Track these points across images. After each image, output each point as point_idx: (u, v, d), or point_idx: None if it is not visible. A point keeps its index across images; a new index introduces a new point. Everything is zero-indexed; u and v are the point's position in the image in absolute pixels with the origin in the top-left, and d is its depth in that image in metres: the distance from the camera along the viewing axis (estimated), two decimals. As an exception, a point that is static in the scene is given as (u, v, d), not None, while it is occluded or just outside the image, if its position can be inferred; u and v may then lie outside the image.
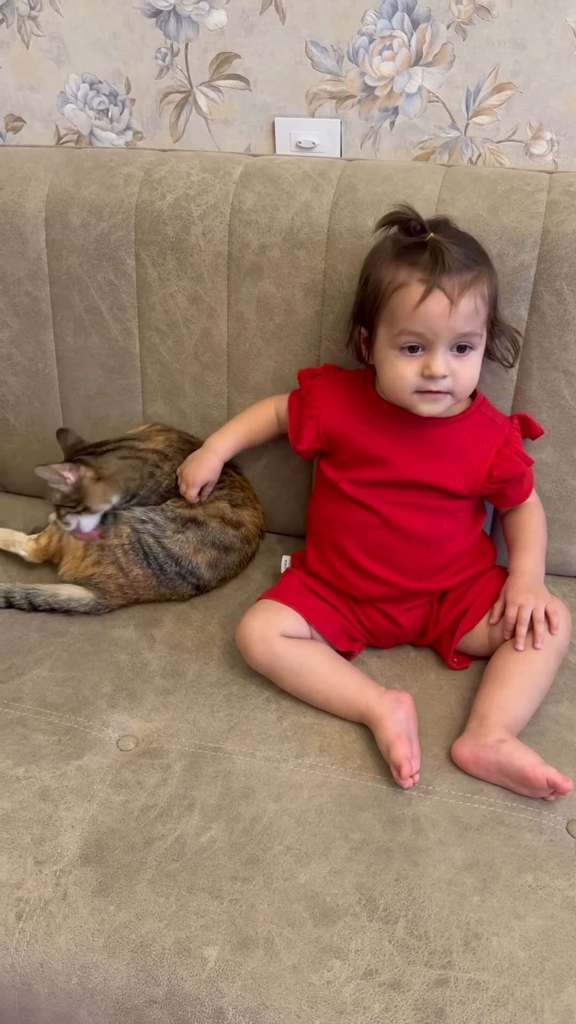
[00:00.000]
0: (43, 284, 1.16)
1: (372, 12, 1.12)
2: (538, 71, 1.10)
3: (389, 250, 0.92)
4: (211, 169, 1.09)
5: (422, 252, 0.88)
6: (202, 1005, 0.72)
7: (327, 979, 0.72)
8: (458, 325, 0.88)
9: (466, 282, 0.87)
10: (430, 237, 0.88)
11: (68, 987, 0.74)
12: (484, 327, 0.92)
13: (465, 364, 0.91)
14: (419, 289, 0.87)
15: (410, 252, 0.89)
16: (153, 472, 1.10)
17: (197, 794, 0.86)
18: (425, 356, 0.91)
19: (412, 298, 0.88)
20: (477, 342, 0.92)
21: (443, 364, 0.90)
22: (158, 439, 1.14)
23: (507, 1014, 0.69)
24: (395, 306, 0.90)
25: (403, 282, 0.89)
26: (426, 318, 0.88)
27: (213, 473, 1.10)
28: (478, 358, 0.93)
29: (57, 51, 1.26)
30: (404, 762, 0.85)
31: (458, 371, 0.91)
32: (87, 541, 1.08)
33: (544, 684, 0.95)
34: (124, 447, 1.11)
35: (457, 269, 0.87)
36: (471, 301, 0.88)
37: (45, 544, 1.12)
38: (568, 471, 1.07)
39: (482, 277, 0.90)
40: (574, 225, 0.97)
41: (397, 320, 0.90)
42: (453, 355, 0.91)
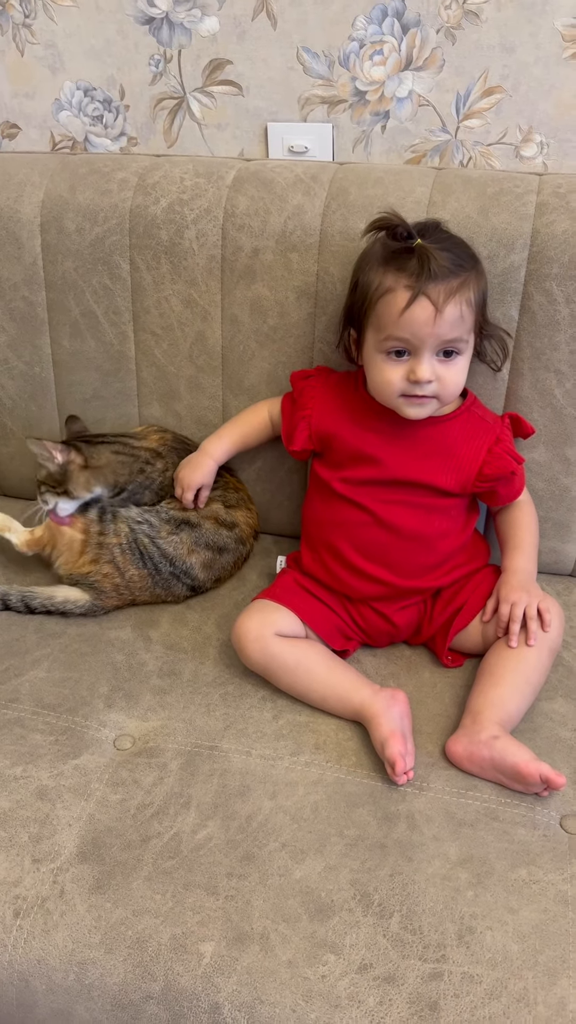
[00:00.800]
0: (39, 289, 1.17)
1: (362, 18, 1.13)
2: (527, 74, 1.12)
3: (378, 254, 0.93)
4: (204, 174, 1.10)
5: (409, 258, 0.89)
6: (198, 1000, 0.72)
7: (322, 973, 0.72)
8: (443, 332, 0.89)
9: (452, 289, 0.88)
10: (417, 243, 0.89)
11: (65, 983, 0.74)
12: (471, 332, 0.93)
13: (451, 369, 0.92)
14: (405, 296, 0.88)
15: (398, 257, 0.90)
16: (143, 468, 1.11)
17: (193, 792, 0.87)
18: (411, 361, 0.92)
19: (398, 304, 0.89)
20: (463, 347, 0.93)
21: (428, 370, 0.91)
22: (153, 438, 1.16)
23: (500, 1007, 0.70)
24: (381, 311, 0.91)
25: (390, 288, 0.90)
26: (411, 325, 0.89)
27: (208, 476, 1.11)
28: (464, 362, 0.94)
29: (52, 58, 1.27)
30: (398, 759, 0.85)
31: (444, 376, 0.92)
32: (59, 526, 1.08)
33: (537, 681, 0.95)
34: (119, 443, 1.12)
35: (443, 276, 0.88)
36: (456, 308, 0.89)
37: (39, 537, 1.12)
38: (560, 470, 1.08)
39: (469, 283, 0.90)
40: (563, 226, 0.98)
41: (383, 325, 0.91)
42: (439, 360, 0.92)
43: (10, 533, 1.14)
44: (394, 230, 0.90)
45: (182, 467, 1.12)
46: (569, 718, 0.95)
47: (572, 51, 1.09)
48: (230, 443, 1.12)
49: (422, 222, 0.94)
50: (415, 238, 0.89)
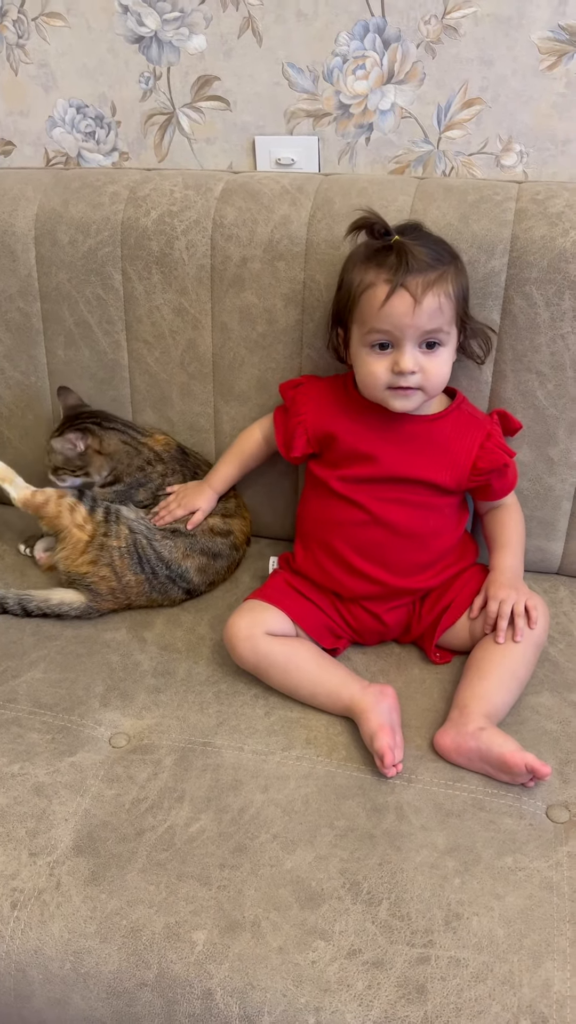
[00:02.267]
0: (34, 300, 1.20)
1: (345, 34, 1.16)
2: (505, 86, 1.15)
3: (361, 253, 0.96)
4: (193, 186, 1.13)
5: (389, 254, 0.92)
6: (191, 987, 0.74)
7: (312, 959, 0.74)
8: (422, 322, 0.92)
9: (430, 281, 0.91)
10: (395, 239, 0.92)
11: (62, 972, 0.76)
12: (452, 324, 0.96)
13: (434, 360, 0.95)
14: (385, 289, 0.91)
15: (378, 254, 0.93)
16: (143, 467, 1.14)
17: (187, 787, 0.88)
18: (394, 353, 0.94)
19: (379, 297, 0.92)
20: (445, 339, 0.95)
21: (411, 360, 0.93)
22: (158, 438, 1.19)
23: (486, 989, 0.72)
24: (364, 306, 0.94)
25: (371, 282, 0.93)
26: (391, 316, 0.92)
27: (207, 504, 1.15)
28: (448, 354, 0.97)
29: (45, 77, 1.30)
30: (387, 751, 0.87)
31: (427, 367, 0.94)
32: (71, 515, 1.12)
33: (523, 675, 0.97)
34: (128, 432, 1.16)
35: (421, 269, 0.91)
36: (435, 299, 0.92)
37: (40, 502, 1.11)
38: (544, 469, 1.10)
39: (447, 276, 0.93)
40: (542, 231, 1.01)
41: (366, 319, 0.94)
42: (422, 351, 0.94)
43: (10, 485, 1.14)
44: (372, 228, 0.94)
45: (187, 488, 1.16)
46: (555, 711, 0.97)
47: (548, 63, 1.12)
48: (228, 473, 1.17)
49: (403, 223, 0.98)
50: (392, 235, 0.93)
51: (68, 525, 1.10)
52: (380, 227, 0.94)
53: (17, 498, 1.13)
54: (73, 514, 1.10)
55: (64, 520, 1.10)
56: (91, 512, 1.10)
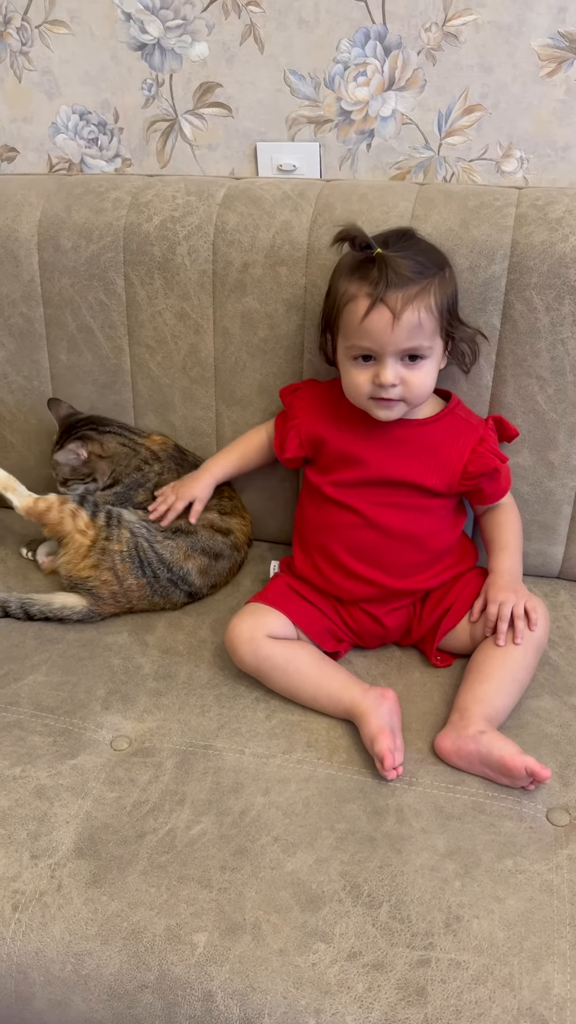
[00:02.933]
0: (37, 305, 1.21)
1: (346, 41, 1.17)
2: (506, 93, 1.15)
3: (347, 264, 0.96)
4: (195, 192, 1.14)
5: (371, 267, 0.92)
6: (192, 988, 0.74)
7: (312, 961, 0.74)
8: (401, 339, 0.92)
9: (410, 296, 0.91)
10: (377, 252, 0.92)
11: (63, 974, 0.76)
12: (435, 336, 0.96)
13: (416, 373, 0.95)
14: (365, 303, 0.91)
15: (362, 266, 0.93)
16: (141, 467, 1.15)
17: (188, 789, 0.89)
18: (376, 365, 0.95)
19: (359, 311, 0.92)
20: (428, 352, 0.95)
21: (392, 374, 0.94)
22: (155, 439, 1.20)
23: (487, 991, 0.72)
24: (346, 319, 0.95)
25: (353, 295, 0.93)
26: (371, 332, 0.92)
27: (205, 490, 1.14)
28: (431, 366, 0.97)
29: (48, 84, 1.31)
30: (387, 754, 0.87)
31: (409, 379, 0.95)
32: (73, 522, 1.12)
33: (523, 678, 0.97)
34: (124, 435, 1.17)
35: (401, 284, 0.91)
36: (415, 314, 0.91)
37: (43, 509, 1.11)
38: (544, 473, 1.11)
39: (429, 289, 0.93)
40: (542, 237, 1.01)
41: (348, 332, 0.95)
42: (404, 364, 0.95)
43: (13, 494, 1.13)
44: (354, 241, 0.94)
45: (180, 481, 1.15)
46: (555, 715, 0.97)
47: (548, 70, 1.13)
48: (229, 462, 1.16)
49: (390, 231, 0.98)
50: (374, 248, 0.92)
51: (70, 531, 1.10)
52: (361, 240, 0.93)
53: (20, 506, 1.13)
54: (75, 520, 1.11)
55: (66, 526, 1.11)
56: (92, 517, 1.11)
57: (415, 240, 0.98)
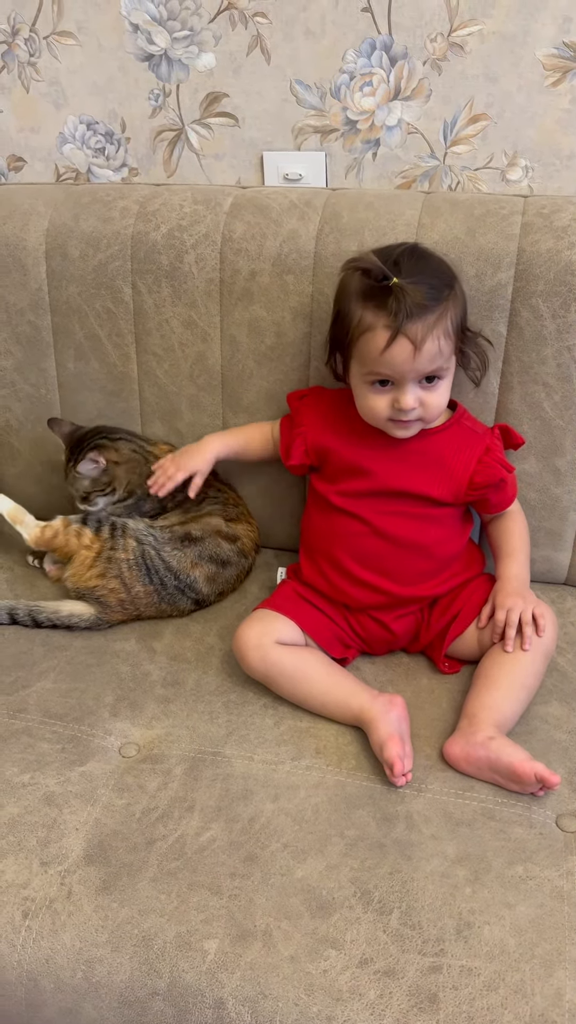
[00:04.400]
0: (44, 313, 1.21)
1: (352, 51, 1.18)
2: (511, 103, 1.16)
3: (357, 288, 0.94)
4: (202, 201, 1.15)
5: (387, 296, 0.90)
6: (203, 996, 0.74)
7: (323, 968, 0.74)
8: (423, 366, 0.93)
9: (429, 325, 0.91)
10: (394, 283, 0.90)
11: (73, 982, 0.76)
12: (451, 357, 0.96)
13: (433, 393, 0.96)
14: (384, 335, 0.91)
15: (376, 293, 0.92)
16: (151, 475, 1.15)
17: (197, 796, 0.89)
18: (394, 391, 0.95)
19: (378, 343, 0.91)
20: (445, 373, 0.96)
21: (412, 399, 0.94)
22: (163, 447, 1.20)
23: (498, 998, 0.72)
24: (363, 348, 0.94)
25: (370, 325, 0.92)
26: (392, 362, 0.92)
27: (205, 464, 1.12)
28: (446, 385, 0.97)
29: (56, 95, 1.32)
30: (396, 760, 0.87)
31: (427, 401, 0.95)
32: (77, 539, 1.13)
33: (532, 684, 0.97)
34: (135, 442, 1.18)
35: (420, 314, 0.90)
36: (435, 343, 0.91)
37: (50, 537, 1.13)
38: (551, 480, 1.11)
39: (446, 313, 0.93)
40: (548, 245, 1.02)
41: (366, 361, 0.95)
42: (422, 387, 0.95)
43: (21, 526, 1.15)
44: (369, 273, 0.92)
45: (180, 452, 1.14)
46: (564, 721, 0.97)
47: (553, 79, 1.14)
48: (231, 440, 1.14)
49: (398, 250, 0.95)
50: (391, 279, 0.90)
51: (76, 548, 1.12)
52: (378, 273, 0.91)
53: (29, 539, 1.15)
54: (80, 538, 1.12)
55: (72, 546, 1.12)
56: (96, 532, 1.11)
57: (425, 258, 0.96)
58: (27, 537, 1.15)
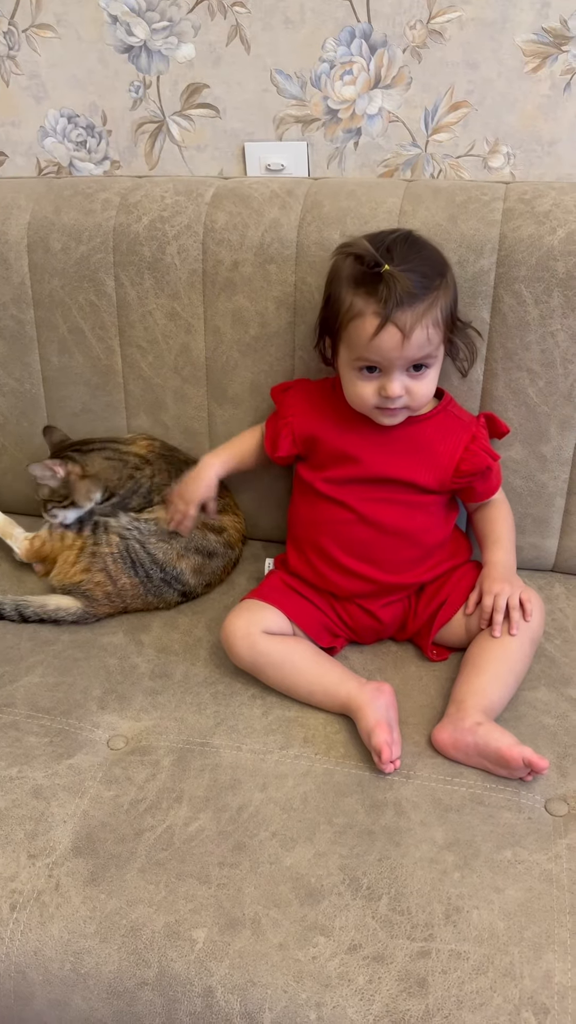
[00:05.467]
0: (27, 307, 1.21)
1: (331, 40, 1.18)
2: (491, 89, 1.16)
3: (348, 273, 0.94)
4: (184, 192, 1.14)
5: (377, 283, 0.90)
6: (192, 984, 0.74)
7: (312, 955, 0.74)
8: (411, 354, 0.92)
9: (419, 314, 0.91)
10: (384, 270, 0.90)
11: (62, 973, 0.76)
12: (439, 346, 0.96)
13: (421, 381, 0.96)
14: (373, 322, 0.91)
15: (367, 279, 0.91)
16: (133, 474, 1.14)
17: (185, 787, 0.88)
18: (382, 378, 0.95)
19: (367, 330, 0.91)
20: (433, 361, 0.96)
21: (399, 387, 0.94)
22: (141, 444, 1.19)
23: (487, 981, 0.71)
24: (352, 334, 0.94)
25: (359, 311, 0.92)
26: (380, 349, 0.92)
27: (210, 489, 1.11)
28: (434, 373, 0.97)
29: (36, 88, 1.32)
30: (384, 747, 0.87)
31: (414, 389, 0.95)
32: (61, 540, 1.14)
33: (519, 670, 0.97)
34: (109, 448, 1.16)
35: (410, 302, 0.90)
36: (423, 332, 0.91)
37: (39, 547, 1.16)
38: (536, 467, 1.11)
39: (436, 302, 0.93)
40: (529, 230, 1.02)
41: (354, 347, 0.94)
42: (409, 375, 0.95)
43: (12, 540, 1.18)
44: (362, 259, 0.92)
45: (182, 483, 1.12)
46: (552, 706, 0.97)
47: (533, 65, 1.14)
48: (227, 457, 1.13)
49: (392, 237, 0.95)
50: (383, 266, 0.90)
51: (59, 550, 1.13)
52: (370, 260, 0.91)
53: (20, 551, 1.17)
54: (63, 540, 1.13)
55: (56, 549, 1.14)
56: (79, 532, 1.13)
57: (418, 246, 0.96)
58: (18, 550, 1.17)
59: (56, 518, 1.13)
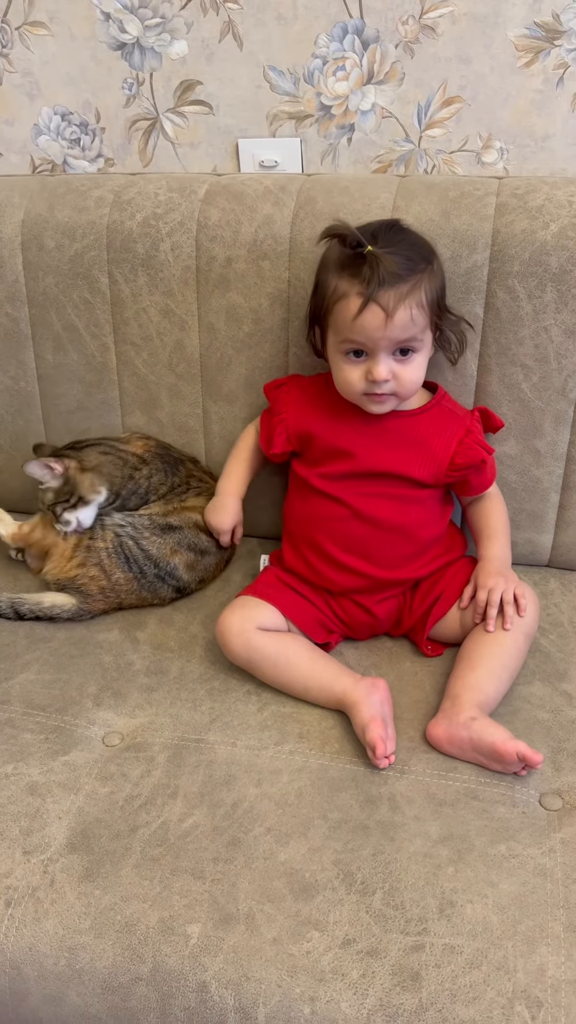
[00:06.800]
0: (22, 305, 1.21)
1: (324, 36, 1.18)
2: (484, 84, 1.16)
3: (335, 258, 0.96)
4: (177, 188, 1.14)
5: (361, 264, 0.91)
6: (186, 980, 0.74)
7: (306, 950, 0.74)
8: (395, 335, 0.93)
9: (402, 294, 0.91)
10: (367, 250, 0.91)
11: (57, 969, 0.76)
12: (425, 330, 0.96)
13: (408, 367, 0.96)
14: (357, 302, 0.91)
15: (352, 262, 0.93)
16: (132, 474, 1.14)
17: (180, 783, 0.89)
18: (368, 361, 0.95)
19: (351, 310, 0.92)
20: (419, 346, 0.96)
21: (384, 370, 0.94)
22: (137, 444, 1.18)
23: (481, 975, 0.72)
24: (337, 316, 0.95)
25: (344, 293, 0.93)
26: (364, 329, 0.92)
27: (235, 515, 1.13)
28: (421, 359, 0.97)
29: (29, 86, 1.32)
30: (379, 742, 0.87)
31: (400, 374, 0.95)
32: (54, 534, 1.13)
33: (514, 665, 0.97)
34: (104, 444, 1.16)
35: (392, 282, 0.91)
36: (407, 312, 0.92)
37: (27, 532, 1.15)
38: (531, 461, 1.11)
39: (420, 284, 0.93)
40: (522, 225, 1.02)
41: (340, 329, 0.95)
42: (396, 359, 0.95)
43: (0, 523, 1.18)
44: (344, 239, 0.93)
45: (208, 515, 1.13)
46: (546, 700, 0.97)
47: (525, 60, 1.13)
48: (241, 474, 1.14)
49: (378, 223, 0.97)
50: (365, 246, 0.91)
51: (53, 541, 1.12)
52: (352, 239, 0.92)
53: (6, 535, 1.18)
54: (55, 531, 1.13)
55: (49, 539, 1.13)
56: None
57: (404, 233, 0.97)
58: (4, 534, 1.17)
59: (70, 525, 1.10)
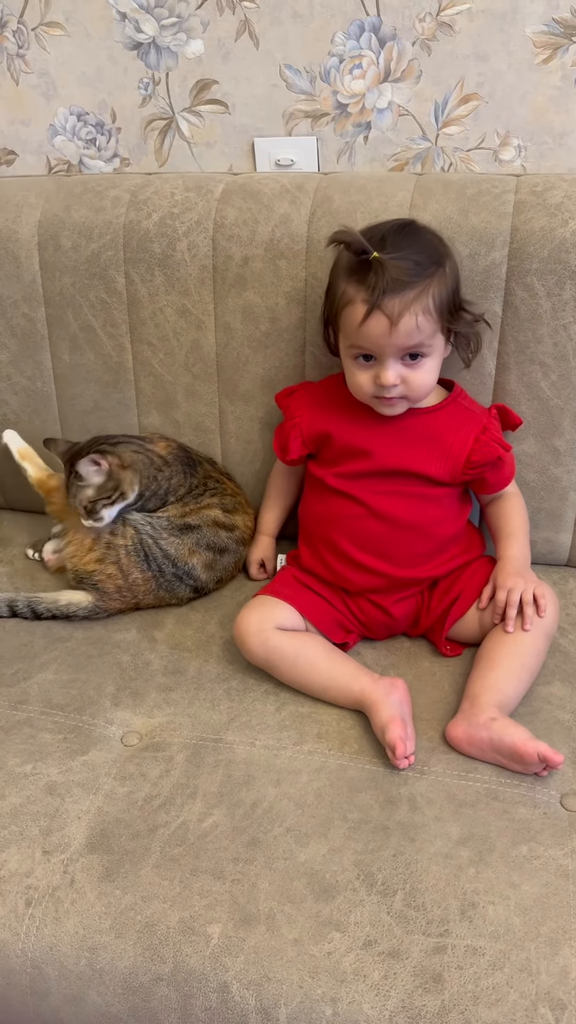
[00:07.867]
0: (38, 305, 1.21)
1: (340, 34, 1.17)
2: (501, 81, 1.15)
3: (345, 263, 0.95)
4: (194, 188, 1.14)
5: (367, 271, 0.91)
6: (207, 980, 0.74)
7: (327, 950, 0.74)
8: (400, 342, 0.92)
9: (407, 302, 0.90)
10: (373, 257, 0.90)
11: (77, 968, 0.76)
12: (434, 335, 0.95)
13: (417, 371, 0.95)
14: (362, 309, 0.91)
15: (360, 268, 0.92)
16: (156, 475, 1.13)
17: (199, 783, 0.88)
18: (377, 366, 0.95)
19: (357, 316, 0.92)
20: (428, 350, 0.95)
21: (392, 375, 0.94)
22: (160, 444, 1.18)
23: (504, 977, 0.71)
24: (345, 321, 0.95)
25: (351, 299, 0.93)
26: (369, 336, 0.92)
27: (265, 551, 1.18)
28: (432, 363, 0.97)
29: (45, 86, 1.32)
30: (398, 742, 0.87)
31: (410, 378, 0.95)
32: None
33: (533, 665, 0.97)
34: (134, 443, 1.15)
35: (398, 289, 0.90)
36: (412, 319, 0.91)
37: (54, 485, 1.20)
38: (550, 460, 1.10)
39: (428, 290, 0.92)
40: (541, 223, 1.01)
41: (348, 334, 0.95)
42: (405, 363, 0.95)
43: (30, 464, 1.22)
44: (349, 246, 0.93)
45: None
46: (567, 701, 0.96)
47: (543, 57, 1.13)
48: (274, 511, 1.19)
49: (390, 225, 0.95)
50: (370, 253, 0.90)
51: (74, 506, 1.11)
52: (357, 246, 0.91)
53: (33, 477, 1.21)
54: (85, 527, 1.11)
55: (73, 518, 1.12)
56: None
57: (416, 235, 0.96)
58: (31, 475, 1.21)
59: (103, 520, 1.09)
